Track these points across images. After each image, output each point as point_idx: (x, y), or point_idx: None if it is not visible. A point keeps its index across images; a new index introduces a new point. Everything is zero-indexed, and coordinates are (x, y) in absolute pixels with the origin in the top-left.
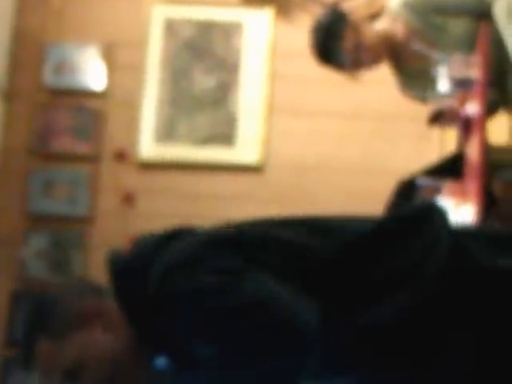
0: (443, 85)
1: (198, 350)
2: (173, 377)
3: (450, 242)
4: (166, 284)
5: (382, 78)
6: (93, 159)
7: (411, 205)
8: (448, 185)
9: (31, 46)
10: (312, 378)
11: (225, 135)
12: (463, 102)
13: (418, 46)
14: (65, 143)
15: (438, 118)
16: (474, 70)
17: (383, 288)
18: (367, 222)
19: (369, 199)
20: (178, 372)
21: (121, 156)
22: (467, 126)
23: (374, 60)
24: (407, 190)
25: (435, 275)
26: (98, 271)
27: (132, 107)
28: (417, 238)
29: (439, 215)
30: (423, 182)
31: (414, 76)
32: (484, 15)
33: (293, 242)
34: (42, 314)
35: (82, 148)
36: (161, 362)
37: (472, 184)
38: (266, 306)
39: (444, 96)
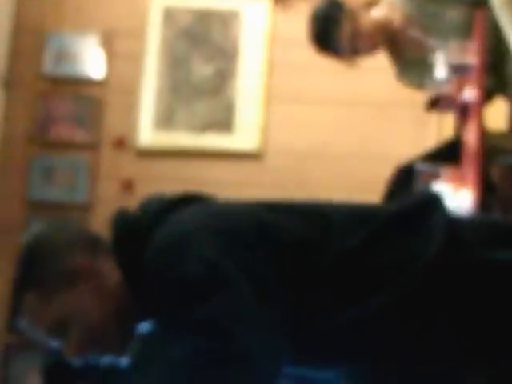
0: (440, 71)
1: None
2: (158, 342)
3: (448, 234)
4: (155, 261)
5: (379, 65)
6: (92, 147)
7: (409, 196)
8: (446, 170)
9: (31, 35)
10: (300, 367)
11: (223, 122)
12: (460, 88)
13: (414, 33)
14: (64, 131)
15: (436, 105)
16: (471, 56)
17: (379, 279)
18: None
19: (367, 185)
20: (164, 338)
21: (120, 143)
22: (465, 112)
23: (371, 48)
24: (405, 175)
25: (432, 267)
26: None
27: (131, 95)
28: (414, 230)
29: (438, 206)
30: (421, 167)
31: (411, 63)
32: (480, 2)
33: (290, 234)
34: (34, 266)
35: (81, 136)
36: (147, 326)
37: (470, 170)
38: (232, 333)
39: (441, 82)
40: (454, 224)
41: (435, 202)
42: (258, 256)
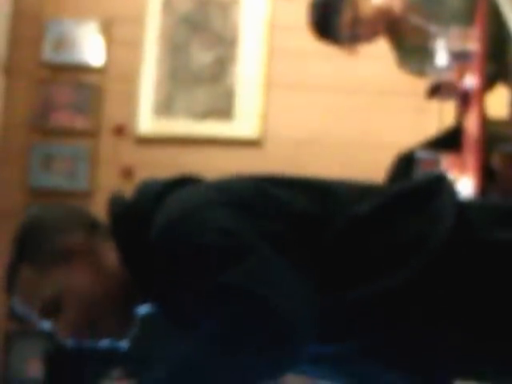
0: (441, 58)
1: (187, 307)
2: (155, 326)
3: (457, 214)
4: (166, 236)
5: (380, 52)
6: (92, 134)
7: (418, 177)
8: (446, 158)
9: (30, 22)
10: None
11: (223, 110)
12: (461, 75)
13: (415, 19)
14: (64, 118)
15: (437, 92)
16: (473, 43)
17: (387, 259)
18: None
19: (367, 173)
20: (162, 322)
21: (120, 131)
22: (466, 99)
23: (372, 35)
24: (406, 163)
25: (440, 247)
26: None
27: (130, 82)
28: (422, 210)
29: (445, 187)
30: (422, 155)
31: (411, 50)
32: None
33: (293, 207)
34: (30, 241)
35: (81, 123)
36: (145, 309)
37: (470, 157)
38: (261, 295)
39: (442, 69)
40: (462, 204)
41: (443, 182)
42: (272, 225)
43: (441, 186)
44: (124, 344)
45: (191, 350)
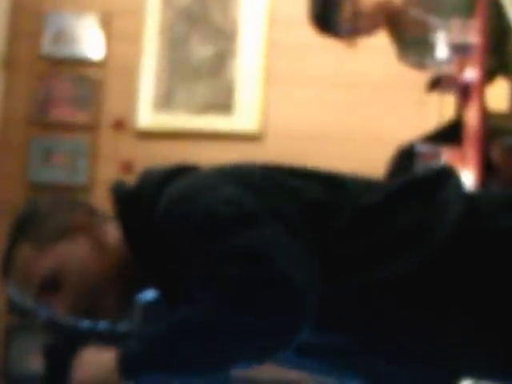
0: (442, 51)
1: (193, 287)
2: (157, 312)
3: (464, 204)
4: (177, 208)
5: (380, 45)
6: (91, 128)
7: (423, 169)
8: (447, 151)
9: (30, 16)
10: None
11: (223, 104)
12: (462, 67)
13: (415, 12)
14: (64, 112)
15: (437, 85)
16: (473, 36)
17: (395, 248)
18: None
19: (368, 167)
20: (164, 308)
21: (119, 125)
22: (466, 92)
23: (372, 28)
24: (406, 157)
25: (447, 237)
26: None
27: (130, 76)
28: (430, 200)
29: (452, 178)
30: (422, 148)
31: (412, 43)
32: None
33: (303, 195)
34: (29, 221)
35: (80, 117)
36: (148, 295)
37: (471, 150)
38: (271, 258)
39: (442, 62)
40: (469, 193)
41: (449, 173)
42: (282, 207)
43: (447, 176)
44: (122, 327)
45: (190, 313)
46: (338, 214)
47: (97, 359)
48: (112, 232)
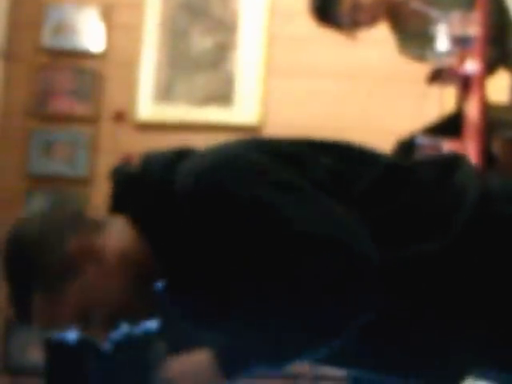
0: (442, 43)
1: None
2: (171, 302)
3: (479, 190)
4: (211, 180)
5: (380, 37)
6: (92, 120)
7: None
8: (447, 143)
9: (30, 7)
10: None
11: (223, 96)
12: (462, 60)
13: (416, 4)
14: (64, 104)
15: (437, 77)
16: (474, 28)
17: (411, 234)
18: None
19: None
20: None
21: (119, 117)
22: (466, 85)
23: (372, 20)
24: (407, 149)
25: (464, 223)
26: None
27: (130, 68)
28: (447, 185)
29: (466, 164)
30: (423, 140)
31: (412, 35)
32: None
33: (324, 164)
34: (29, 266)
35: (80, 109)
36: (160, 285)
37: (471, 142)
38: (347, 239)
39: (443, 54)
40: (483, 179)
41: (462, 160)
42: (312, 173)
43: (461, 161)
44: (157, 324)
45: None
46: (356, 185)
47: (192, 364)
48: (114, 236)
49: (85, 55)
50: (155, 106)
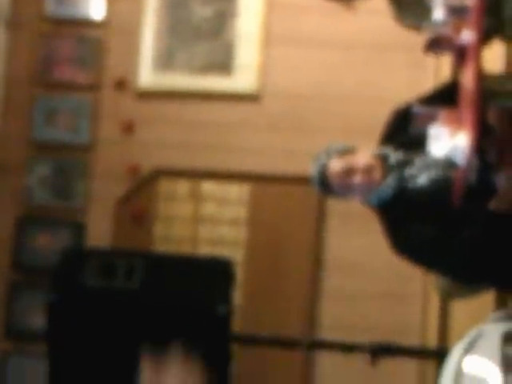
0: (438, 13)
1: None
2: None
3: None
4: None
5: (377, 7)
6: (93, 88)
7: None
8: (443, 113)
9: None
10: None
11: (222, 64)
12: (458, 29)
13: None
14: (66, 72)
15: (433, 46)
16: None
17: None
18: None
19: (364, 128)
20: None
21: (120, 85)
22: (462, 54)
23: None
24: (402, 118)
25: None
26: (98, 197)
27: (131, 36)
28: None
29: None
30: (418, 110)
31: (408, 4)
32: None
33: None
34: None
35: (82, 77)
36: None
37: (467, 112)
38: None
39: (439, 24)
40: None
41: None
42: None
43: None
44: None
45: None
46: None
47: None
48: None
49: (86, 23)
50: (155, 74)
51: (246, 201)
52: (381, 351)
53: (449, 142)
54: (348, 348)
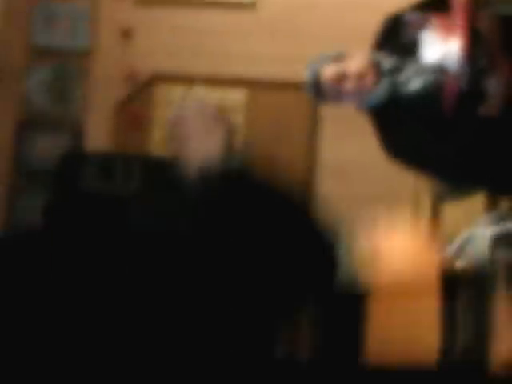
0: None
1: None
2: None
3: None
4: None
5: None
6: None
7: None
8: (435, 19)
9: None
10: None
11: None
12: None
13: None
14: None
15: None
16: None
17: None
18: None
19: (357, 34)
20: None
21: None
22: None
23: None
24: (395, 25)
25: None
26: (97, 102)
27: None
28: None
29: None
30: (410, 17)
31: None
32: None
33: None
34: None
35: None
36: None
37: (458, 18)
38: None
39: None
40: None
41: None
42: None
43: None
44: None
45: None
46: None
47: None
48: None
49: None
50: None
51: (242, 106)
52: None
53: (441, 48)
54: None
